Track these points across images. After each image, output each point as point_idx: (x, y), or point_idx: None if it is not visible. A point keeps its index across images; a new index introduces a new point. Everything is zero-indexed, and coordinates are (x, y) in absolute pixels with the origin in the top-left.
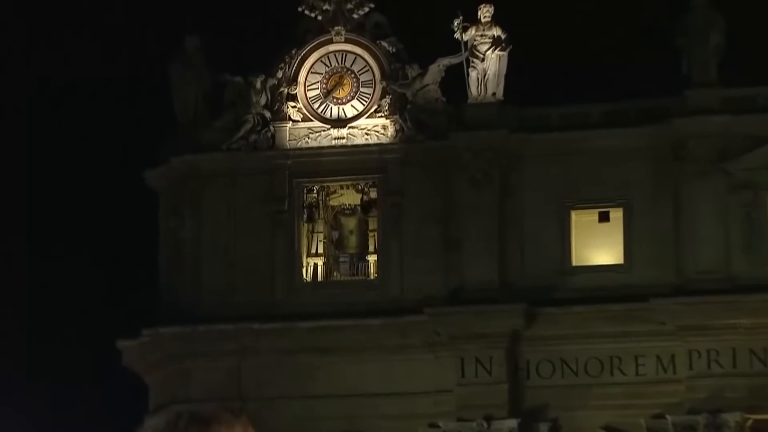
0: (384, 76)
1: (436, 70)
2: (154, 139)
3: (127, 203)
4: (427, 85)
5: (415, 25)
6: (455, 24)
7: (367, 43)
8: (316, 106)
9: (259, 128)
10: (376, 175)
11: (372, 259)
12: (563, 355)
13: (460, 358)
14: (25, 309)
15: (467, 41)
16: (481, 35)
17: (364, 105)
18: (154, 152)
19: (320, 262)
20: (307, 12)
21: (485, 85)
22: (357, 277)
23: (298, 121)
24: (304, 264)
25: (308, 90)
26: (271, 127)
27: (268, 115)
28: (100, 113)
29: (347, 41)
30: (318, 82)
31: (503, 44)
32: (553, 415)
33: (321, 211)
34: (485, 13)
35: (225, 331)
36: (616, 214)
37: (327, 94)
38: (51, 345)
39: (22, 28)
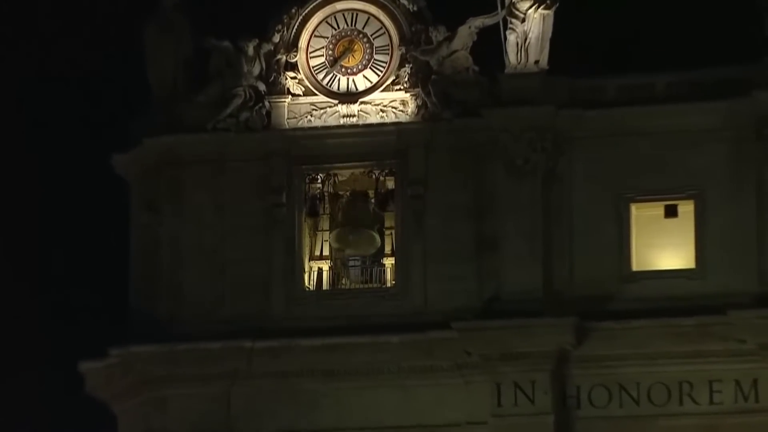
0: (403, 40)
1: (466, 32)
2: (123, 116)
3: (91, 194)
4: (456, 51)
5: None
6: None
7: (383, 0)
8: (320, 77)
9: (251, 104)
10: (393, 161)
11: (389, 262)
12: (622, 379)
13: (496, 383)
14: None
15: None
16: None
17: (378, 76)
18: (124, 133)
19: (326, 266)
20: None
21: (526, 51)
22: (370, 285)
23: (298, 96)
24: (307, 269)
25: (311, 57)
26: (267, 103)
27: (262, 87)
28: (56, 86)
29: None
30: (323, 47)
31: (548, 1)
32: None
33: (327, 205)
34: None
35: (211, 351)
36: (686, 208)
37: (334, 62)
38: None
39: None
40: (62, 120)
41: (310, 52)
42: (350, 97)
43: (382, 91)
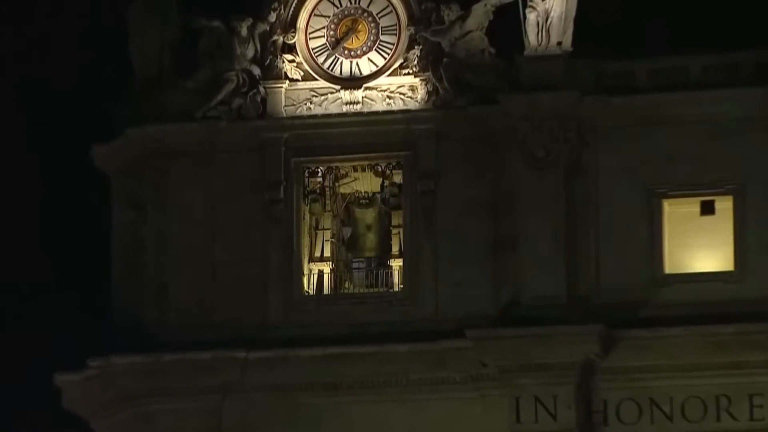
0: (412, 19)
1: (482, 11)
2: (104, 104)
3: (68, 190)
4: (471, 31)
5: None
6: None
7: None
8: (321, 60)
9: (245, 90)
10: (401, 153)
11: (396, 264)
12: (653, 393)
13: (515, 397)
14: None
15: None
16: None
17: (385, 59)
18: (106, 122)
19: (327, 268)
20: None
21: (548, 32)
22: (376, 290)
23: (297, 81)
24: (306, 271)
25: (310, 39)
26: (262, 89)
27: (257, 72)
28: (32, 70)
29: None
30: (323, 27)
31: None
32: None
33: (328, 202)
34: None
35: (201, 362)
36: (724, 204)
37: (336, 44)
38: None
39: None
40: (37, 108)
41: (310, 33)
42: (354, 82)
43: (389, 75)
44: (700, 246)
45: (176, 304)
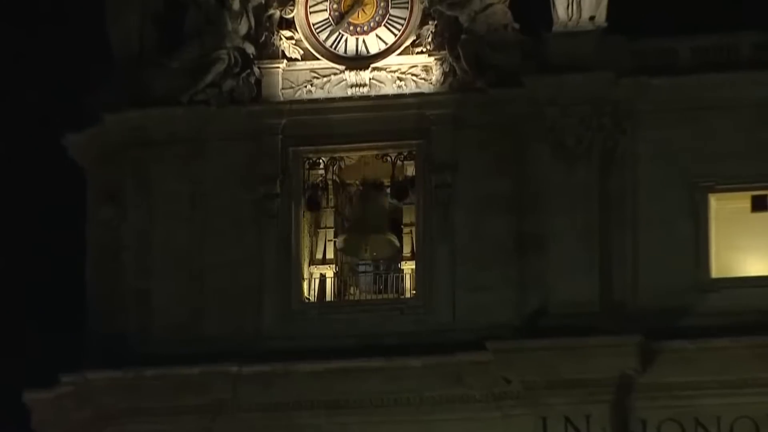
0: None
1: None
2: (79, 87)
3: (40, 183)
4: (492, 4)
5: None
6: None
7: None
8: (323, 37)
9: (237, 71)
10: (413, 142)
11: (408, 268)
12: (698, 412)
13: (542, 417)
14: None
15: None
16: None
17: (395, 36)
18: (80, 107)
19: (330, 272)
20: None
21: (579, 5)
22: (385, 296)
23: (296, 61)
24: (306, 276)
25: (311, 13)
26: (256, 70)
27: (251, 50)
28: None
29: None
30: (326, 0)
31: None
32: None
33: (331, 197)
34: None
35: (187, 377)
36: None
37: (340, 18)
38: None
39: None
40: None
41: (310, 6)
42: (360, 62)
43: (400, 54)
44: (751, 247)
45: (160, 313)
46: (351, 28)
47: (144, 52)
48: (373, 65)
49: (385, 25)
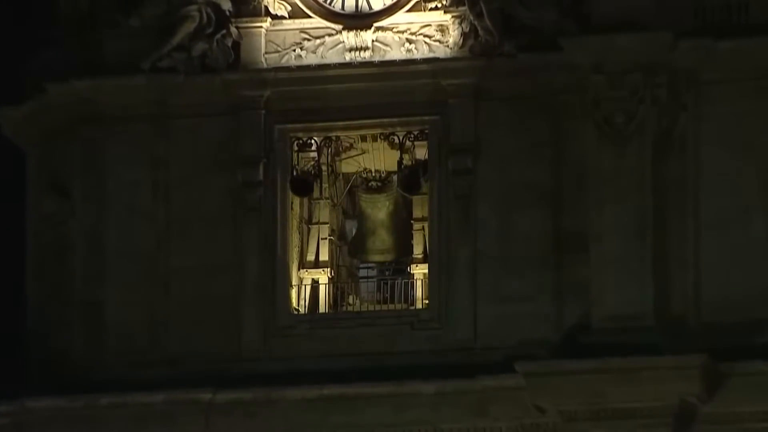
0: None
1: None
2: (16, 51)
3: None
4: None
5: None
6: None
7: None
8: None
9: (210, 31)
10: (426, 118)
11: (419, 272)
12: None
13: None
14: None
15: None
16: None
17: None
18: (17, 77)
19: (324, 277)
20: None
21: None
22: (392, 306)
23: (282, 19)
24: (295, 281)
25: None
26: (234, 30)
27: (227, 6)
28: None
29: None
30: None
31: None
32: None
33: (326, 185)
34: None
35: (149, 407)
36: None
37: None
38: None
39: None
40: None
41: None
42: (361, 20)
43: (409, 11)
44: None
45: (115, 328)
46: None
47: (96, 9)
48: (376, 24)
49: None
